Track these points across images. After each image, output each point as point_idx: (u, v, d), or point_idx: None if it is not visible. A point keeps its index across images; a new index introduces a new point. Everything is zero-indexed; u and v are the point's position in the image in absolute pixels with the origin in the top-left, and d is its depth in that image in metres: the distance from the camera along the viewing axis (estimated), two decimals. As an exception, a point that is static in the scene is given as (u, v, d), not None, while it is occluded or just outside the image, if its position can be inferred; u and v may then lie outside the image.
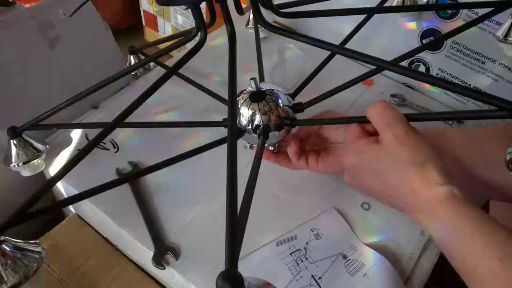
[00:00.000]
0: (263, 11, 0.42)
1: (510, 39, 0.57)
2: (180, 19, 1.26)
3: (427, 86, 0.79)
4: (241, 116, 0.49)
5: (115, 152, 0.64)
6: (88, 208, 0.60)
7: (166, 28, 1.32)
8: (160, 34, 1.35)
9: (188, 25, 1.23)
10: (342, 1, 0.79)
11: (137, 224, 0.55)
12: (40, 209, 0.35)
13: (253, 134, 0.49)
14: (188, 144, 0.65)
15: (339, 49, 0.42)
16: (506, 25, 0.58)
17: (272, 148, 0.56)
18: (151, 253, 0.52)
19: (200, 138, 0.66)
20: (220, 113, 0.70)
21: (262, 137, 0.48)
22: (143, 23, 1.39)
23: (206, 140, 0.64)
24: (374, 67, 0.46)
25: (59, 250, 0.59)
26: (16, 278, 0.34)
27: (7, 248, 0.34)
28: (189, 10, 0.41)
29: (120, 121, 0.39)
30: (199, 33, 0.42)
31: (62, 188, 0.62)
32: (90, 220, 0.62)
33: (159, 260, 0.52)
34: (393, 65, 0.40)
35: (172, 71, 0.42)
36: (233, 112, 0.37)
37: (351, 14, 0.60)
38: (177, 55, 0.85)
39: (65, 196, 0.63)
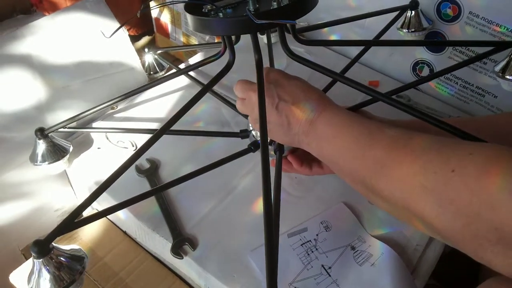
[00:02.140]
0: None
1: (507, 76, 0.62)
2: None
3: (433, 86, 0.82)
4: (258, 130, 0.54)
5: (134, 150, 0.67)
6: (108, 204, 0.63)
7: (177, 35, 1.36)
8: (171, 40, 1.39)
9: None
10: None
11: (155, 217, 0.58)
12: (85, 218, 0.40)
13: (269, 146, 0.53)
14: (202, 143, 0.68)
15: (340, 77, 0.49)
16: (503, 63, 0.62)
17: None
18: (169, 244, 0.55)
19: (213, 138, 0.69)
20: (229, 110, 0.73)
21: (279, 152, 0.53)
22: (155, 30, 1.44)
23: (218, 139, 0.68)
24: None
25: (82, 243, 0.63)
26: (65, 281, 0.38)
27: (58, 255, 0.39)
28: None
29: (157, 137, 0.46)
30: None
31: (87, 187, 0.65)
32: (110, 214, 0.65)
33: (177, 250, 0.55)
34: (386, 97, 0.46)
35: (207, 88, 0.49)
36: (264, 139, 0.43)
37: (355, 45, 0.77)
38: (191, 59, 0.89)
39: (89, 193, 0.66)
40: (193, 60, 0.88)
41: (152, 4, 1.34)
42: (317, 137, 0.46)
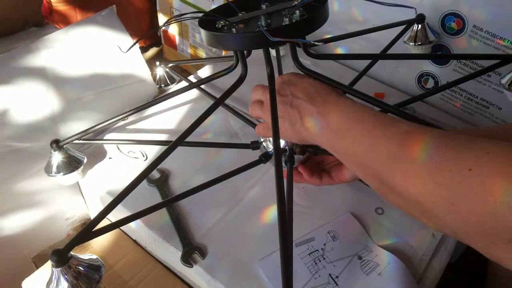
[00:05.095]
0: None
1: None
2: (198, 37, 1.32)
3: (438, 97, 0.83)
4: (269, 141, 0.55)
5: (144, 160, 0.69)
6: (119, 213, 0.64)
7: (184, 47, 1.38)
8: (178, 52, 1.41)
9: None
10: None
11: (165, 226, 0.60)
12: (102, 228, 0.41)
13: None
14: (211, 154, 0.69)
15: (350, 90, 0.50)
16: (510, 75, 0.63)
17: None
18: (179, 253, 0.56)
19: (222, 149, 0.70)
20: (237, 121, 0.75)
21: (290, 163, 0.54)
22: (162, 42, 1.46)
23: (227, 150, 0.69)
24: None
25: (93, 251, 0.64)
26: None
27: (77, 264, 0.40)
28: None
29: (171, 149, 0.46)
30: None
31: (98, 196, 0.67)
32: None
33: (187, 259, 0.56)
34: (395, 109, 0.48)
35: (220, 102, 0.51)
36: (278, 153, 0.44)
37: (364, 59, 0.77)
38: (199, 71, 0.90)
39: (100, 202, 0.68)
40: (202, 72, 0.89)
41: (160, 16, 1.36)
42: (329, 131, 0.46)
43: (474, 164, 0.32)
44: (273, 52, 0.72)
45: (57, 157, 0.63)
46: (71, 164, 0.63)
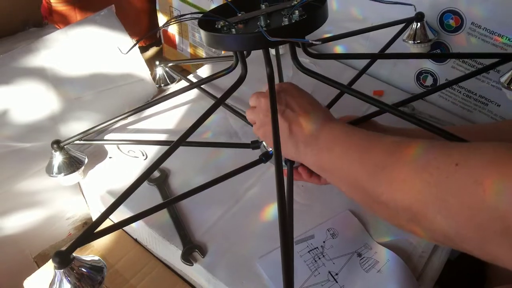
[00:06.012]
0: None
1: None
2: (198, 37, 1.32)
3: (437, 95, 0.83)
4: None
5: (144, 160, 0.69)
6: (120, 213, 0.64)
7: (184, 46, 1.39)
8: (178, 51, 1.41)
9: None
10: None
11: (166, 225, 0.60)
12: (103, 229, 0.42)
13: None
14: (211, 153, 0.70)
15: (348, 89, 0.50)
16: (509, 74, 0.63)
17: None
18: (180, 251, 0.57)
19: (222, 148, 0.70)
20: (237, 121, 0.75)
21: (290, 163, 0.54)
22: (162, 41, 1.46)
23: (227, 149, 0.70)
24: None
25: (93, 250, 0.64)
26: None
27: (79, 266, 0.40)
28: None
29: (172, 150, 0.47)
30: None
31: (99, 195, 0.67)
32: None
33: (187, 257, 0.56)
34: (393, 108, 0.48)
35: (220, 101, 0.51)
36: (278, 152, 0.44)
37: (364, 58, 0.77)
38: (199, 70, 0.91)
39: (101, 202, 0.68)
40: (202, 71, 0.89)
41: (160, 16, 1.36)
42: (317, 147, 0.46)
43: (460, 158, 0.32)
44: (272, 51, 0.73)
45: (58, 158, 0.63)
46: (72, 164, 0.63)
